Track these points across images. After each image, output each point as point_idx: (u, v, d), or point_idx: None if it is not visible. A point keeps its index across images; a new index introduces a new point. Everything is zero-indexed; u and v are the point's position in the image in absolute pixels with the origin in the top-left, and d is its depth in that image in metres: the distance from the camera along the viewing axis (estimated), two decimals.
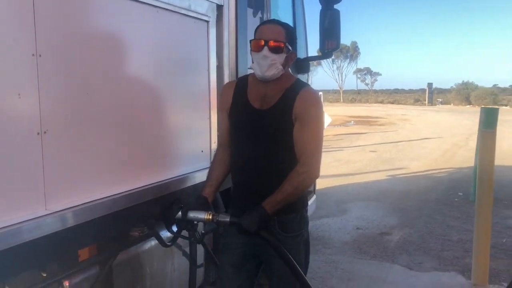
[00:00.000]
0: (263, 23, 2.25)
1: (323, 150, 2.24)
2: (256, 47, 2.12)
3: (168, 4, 2.35)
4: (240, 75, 2.96)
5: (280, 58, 2.12)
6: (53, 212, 1.74)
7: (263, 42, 2.10)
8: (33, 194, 1.70)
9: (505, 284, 4.18)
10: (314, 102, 2.19)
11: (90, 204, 1.91)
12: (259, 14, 3.50)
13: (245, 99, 2.24)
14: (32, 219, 1.65)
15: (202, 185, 2.40)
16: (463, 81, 56.69)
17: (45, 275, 1.86)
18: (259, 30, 2.17)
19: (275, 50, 2.10)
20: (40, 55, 1.66)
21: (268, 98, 2.19)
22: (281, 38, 2.12)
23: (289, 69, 2.30)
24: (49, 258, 1.86)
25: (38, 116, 1.68)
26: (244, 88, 2.27)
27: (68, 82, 1.81)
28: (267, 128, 2.18)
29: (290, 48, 2.16)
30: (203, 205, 2.23)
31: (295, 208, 2.26)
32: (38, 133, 1.68)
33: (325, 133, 2.29)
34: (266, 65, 2.10)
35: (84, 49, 1.89)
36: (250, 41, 2.18)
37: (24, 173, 1.66)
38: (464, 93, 51.60)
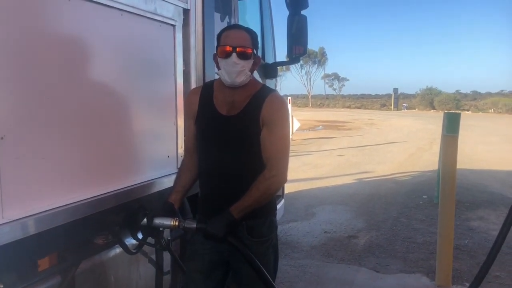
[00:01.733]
0: (226, 28, 2.21)
1: (291, 154, 2.25)
2: (224, 54, 2.10)
3: (133, 7, 2.31)
4: (207, 79, 2.94)
5: (248, 64, 2.12)
6: (11, 221, 1.67)
7: (230, 49, 2.08)
8: None
9: (468, 284, 4.30)
10: (281, 107, 2.20)
11: (51, 212, 1.84)
12: (227, 19, 3.49)
13: (212, 105, 2.22)
14: None
15: (169, 191, 2.37)
16: (427, 86, 58.21)
17: (1, 286, 1.78)
18: (223, 36, 2.14)
19: (244, 56, 2.09)
20: None
21: (235, 104, 2.18)
22: (248, 44, 2.12)
23: (257, 74, 2.30)
24: (6, 269, 1.78)
25: None
26: (210, 94, 2.25)
27: (27, 86, 1.75)
28: (235, 134, 2.18)
29: (255, 52, 2.16)
30: (169, 212, 2.20)
31: (264, 212, 2.26)
32: None
33: (294, 137, 2.31)
34: (236, 72, 2.09)
35: (44, 53, 1.83)
36: (217, 47, 2.17)
37: None
38: (428, 98, 53.08)
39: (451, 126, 4.51)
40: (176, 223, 2.12)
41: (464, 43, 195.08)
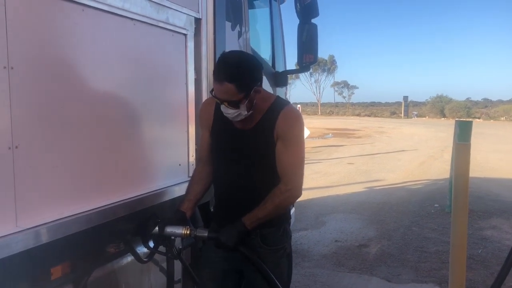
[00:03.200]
0: (214, 72, 2.05)
1: None
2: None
3: (146, 17, 2.33)
4: None
5: (242, 107, 2.04)
6: (25, 229, 1.68)
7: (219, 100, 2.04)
8: (3, 211, 1.63)
9: None
10: (295, 121, 2.16)
11: (63, 220, 1.85)
12: (238, 28, 3.51)
13: (226, 118, 2.21)
14: (1, 236, 1.59)
15: (180, 199, 2.36)
16: (437, 94, 57.67)
17: None
18: (213, 80, 2.04)
19: (234, 105, 2.03)
20: (12, 68, 1.62)
21: (249, 118, 2.14)
22: (233, 96, 1.99)
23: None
24: (19, 277, 1.79)
25: (10, 130, 1.63)
26: None
27: (41, 95, 1.77)
28: (250, 147, 2.17)
29: (250, 88, 2.03)
30: (180, 220, 2.20)
31: (278, 221, 2.25)
32: (9, 148, 1.63)
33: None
34: (231, 116, 2.08)
35: (58, 63, 1.85)
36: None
37: None
38: (439, 106, 52.66)
39: (463, 134, 4.48)
40: (188, 232, 2.12)
41: (475, 50, 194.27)
